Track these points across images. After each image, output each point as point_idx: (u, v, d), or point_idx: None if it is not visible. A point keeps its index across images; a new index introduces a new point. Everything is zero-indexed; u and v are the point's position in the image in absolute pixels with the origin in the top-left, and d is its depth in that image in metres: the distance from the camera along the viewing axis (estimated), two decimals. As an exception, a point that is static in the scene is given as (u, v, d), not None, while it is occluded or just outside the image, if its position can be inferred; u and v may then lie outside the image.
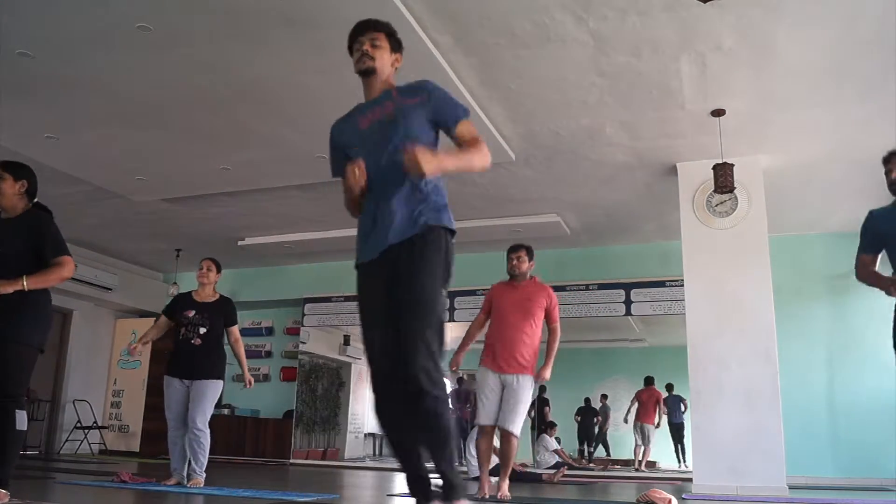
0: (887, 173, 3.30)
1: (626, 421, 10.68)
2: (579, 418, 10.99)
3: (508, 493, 4.31)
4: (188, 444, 4.54)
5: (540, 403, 10.39)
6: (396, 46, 2.34)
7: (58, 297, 9.16)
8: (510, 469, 4.43)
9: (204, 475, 4.55)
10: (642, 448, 10.16)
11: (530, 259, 4.58)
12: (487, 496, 4.27)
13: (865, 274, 3.31)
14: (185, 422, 4.57)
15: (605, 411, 11.54)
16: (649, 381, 10.35)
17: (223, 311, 4.78)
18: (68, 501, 3.58)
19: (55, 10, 4.01)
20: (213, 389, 4.62)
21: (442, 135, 2.34)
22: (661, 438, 10.96)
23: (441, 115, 2.23)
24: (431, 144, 2.23)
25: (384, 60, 2.28)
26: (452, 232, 2.20)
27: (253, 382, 4.86)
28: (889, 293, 3.09)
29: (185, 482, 4.53)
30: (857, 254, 3.41)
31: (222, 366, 4.76)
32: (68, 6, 3.97)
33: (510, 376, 4.35)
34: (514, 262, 4.54)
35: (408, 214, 2.12)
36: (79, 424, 9.52)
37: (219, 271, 4.90)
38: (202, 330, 4.64)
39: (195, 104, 5.18)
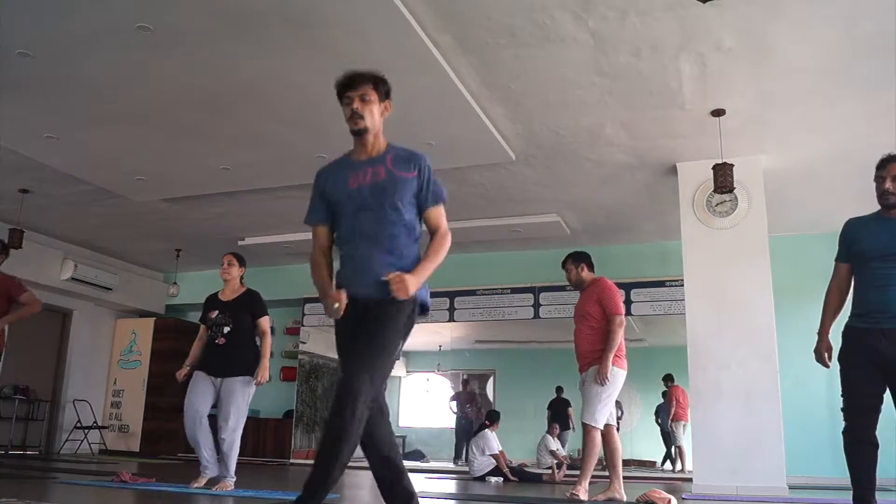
0: (879, 180, 3.10)
1: (657, 422, 10.57)
2: (550, 412, 10.79)
3: (582, 496, 4.24)
4: (220, 446, 4.39)
5: (560, 404, 10.32)
6: (385, 95, 2.38)
7: (58, 297, 9.20)
8: (590, 468, 4.40)
9: (234, 478, 4.39)
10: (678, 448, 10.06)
11: (578, 265, 4.70)
12: (603, 499, 4.32)
13: (831, 299, 3.21)
14: (202, 418, 4.40)
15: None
16: (672, 378, 10.21)
17: (248, 306, 4.59)
18: (68, 501, 3.58)
19: (55, 10, 4.01)
20: (241, 387, 4.43)
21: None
22: (657, 439, 10.91)
23: (423, 193, 2.33)
24: (414, 218, 2.34)
25: (374, 116, 2.33)
26: (424, 305, 2.35)
27: (265, 380, 4.54)
28: (815, 354, 3.12)
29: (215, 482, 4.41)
30: (835, 261, 3.28)
31: (252, 363, 4.52)
32: (68, 6, 3.97)
33: (582, 375, 4.55)
34: (566, 275, 4.76)
35: (383, 282, 2.21)
36: (79, 424, 9.52)
37: (242, 265, 4.73)
38: (226, 329, 4.50)
39: (195, 104, 5.18)
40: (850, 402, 2.99)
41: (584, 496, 4.21)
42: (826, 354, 3.10)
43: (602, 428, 4.38)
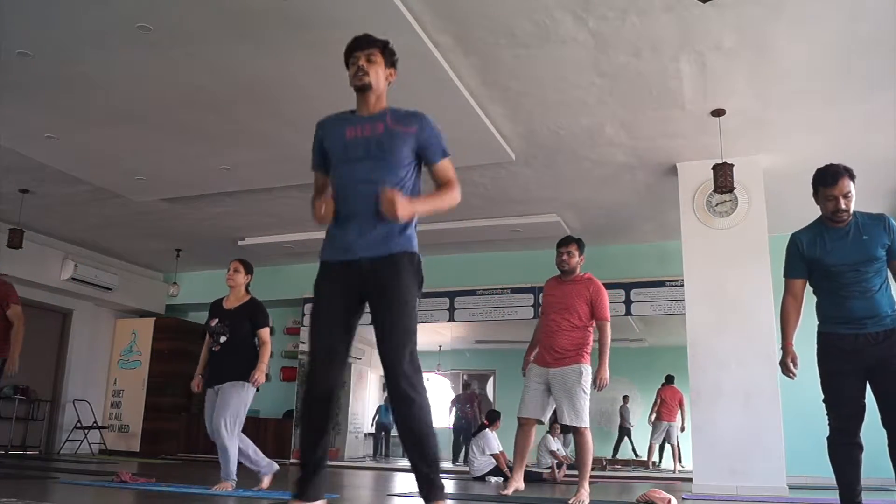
0: (830, 199, 2.99)
1: (650, 421, 10.59)
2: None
3: (586, 500, 4.10)
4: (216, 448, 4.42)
5: None
6: (391, 62, 2.46)
7: (58, 297, 9.22)
8: (588, 470, 4.23)
9: (233, 480, 4.39)
10: (657, 446, 10.07)
11: (581, 253, 4.43)
12: (510, 491, 4.25)
13: (788, 315, 3.14)
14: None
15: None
16: (671, 379, 10.24)
17: (247, 316, 4.53)
18: (68, 501, 3.58)
19: (55, 10, 4.01)
20: (235, 393, 4.39)
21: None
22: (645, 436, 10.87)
23: (427, 149, 2.38)
24: (410, 174, 2.37)
25: (379, 76, 2.40)
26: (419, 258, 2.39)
27: (261, 381, 4.42)
28: (781, 366, 3.08)
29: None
30: (785, 277, 3.22)
31: (247, 368, 4.44)
32: (68, 6, 3.97)
33: (554, 370, 4.27)
34: (564, 256, 4.39)
35: (382, 232, 2.27)
36: (79, 424, 9.53)
37: (248, 272, 4.66)
38: (222, 339, 4.47)
39: (195, 104, 5.18)
40: (839, 408, 2.98)
41: (587, 499, 4.19)
42: (792, 364, 3.05)
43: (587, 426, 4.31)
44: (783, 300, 3.21)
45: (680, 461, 10.16)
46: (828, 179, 3.03)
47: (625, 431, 11.46)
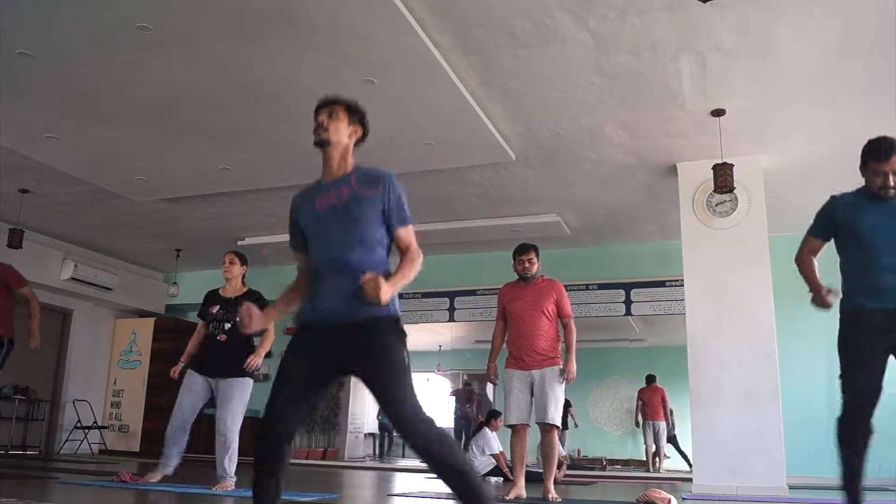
0: (879, 175, 2.89)
1: (637, 424, 10.62)
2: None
3: (557, 495, 4.35)
4: (216, 446, 4.40)
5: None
6: (356, 119, 2.40)
7: (58, 297, 9.21)
8: (554, 466, 4.43)
9: (233, 479, 4.40)
10: (654, 448, 10.13)
11: (538, 259, 4.61)
12: (512, 497, 4.28)
13: (807, 263, 3.16)
14: (189, 417, 4.44)
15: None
16: (650, 379, 10.33)
17: None
18: (68, 501, 3.58)
19: (55, 10, 4.01)
20: (240, 389, 4.43)
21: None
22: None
23: (391, 212, 2.31)
24: (382, 237, 2.32)
25: (340, 132, 2.34)
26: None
27: (256, 365, 4.44)
28: (815, 302, 3.03)
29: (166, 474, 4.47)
30: (805, 234, 3.22)
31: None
32: (68, 6, 3.97)
33: (536, 371, 4.41)
34: (527, 264, 4.53)
35: (360, 298, 2.17)
36: (79, 424, 9.52)
37: (244, 264, 4.73)
38: (227, 325, 4.48)
39: (195, 104, 5.18)
40: (859, 386, 2.88)
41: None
42: (829, 296, 2.97)
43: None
44: (800, 253, 3.18)
45: (659, 462, 10.19)
46: (881, 154, 2.89)
47: None
